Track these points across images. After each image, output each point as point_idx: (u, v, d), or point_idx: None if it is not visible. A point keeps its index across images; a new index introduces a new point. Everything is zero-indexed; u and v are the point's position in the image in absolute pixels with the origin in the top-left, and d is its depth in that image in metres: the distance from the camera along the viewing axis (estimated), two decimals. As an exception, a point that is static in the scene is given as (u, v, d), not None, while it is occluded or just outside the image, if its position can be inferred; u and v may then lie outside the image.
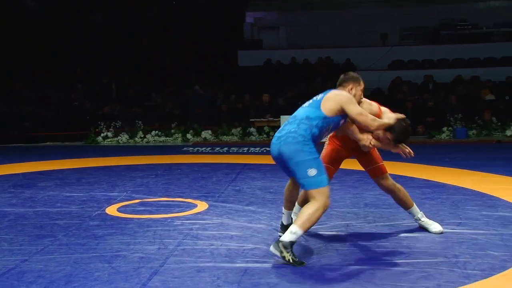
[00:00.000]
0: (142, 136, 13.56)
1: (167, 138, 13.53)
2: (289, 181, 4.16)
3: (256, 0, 20.49)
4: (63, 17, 18.94)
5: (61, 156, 10.47)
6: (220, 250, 3.95)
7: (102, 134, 13.64)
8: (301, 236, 3.74)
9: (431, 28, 19.21)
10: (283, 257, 3.57)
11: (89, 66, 18.17)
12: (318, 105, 3.89)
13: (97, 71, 17.84)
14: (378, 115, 4.12)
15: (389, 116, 4.11)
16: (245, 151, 10.99)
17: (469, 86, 15.04)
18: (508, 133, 12.42)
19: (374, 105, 4.22)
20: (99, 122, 13.87)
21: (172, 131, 13.67)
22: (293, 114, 3.99)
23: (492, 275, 3.34)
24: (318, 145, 3.88)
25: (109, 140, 13.58)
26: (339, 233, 4.39)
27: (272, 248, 3.65)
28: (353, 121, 3.96)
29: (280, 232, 4.17)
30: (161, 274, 3.45)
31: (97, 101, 15.46)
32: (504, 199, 5.58)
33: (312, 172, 3.68)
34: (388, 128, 4.04)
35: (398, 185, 4.54)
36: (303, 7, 20.03)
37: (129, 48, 18.82)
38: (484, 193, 5.91)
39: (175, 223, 4.78)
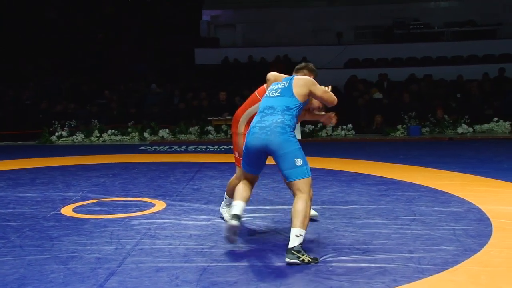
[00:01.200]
0: (98, 135, 13.32)
1: (124, 137, 13.34)
2: (244, 181, 4.11)
3: (212, -2, 20.45)
4: (17, 13, 18.39)
5: (13, 156, 10.18)
6: (179, 250, 3.93)
7: (56, 133, 13.32)
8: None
9: (385, 27, 19.59)
10: (302, 261, 3.55)
11: (42, 63, 17.72)
12: (291, 93, 3.94)
13: (51, 68, 17.41)
14: None
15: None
16: (203, 149, 10.94)
17: (422, 85, 15.42)
18: (460, 130, 12.80)
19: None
20: (53, 121, 13.53)
21: (129, 129, 13.49)
22: (267, 106, 3.98)
23: (445, 269, 3.44)
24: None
25: (64, 139, 13.28)
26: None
27: (288, 259, 3.57)
28: (320, 99, 4.16)
29: (235, 220, 3.80)
30: (118, 274, 3.41)
31: (49, 99, 15.07)
32: (456, 195, 5.75)
33: (298, 161, 3.75)
34: None
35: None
36: (259, 5, 20.10)
37: (84, 44, 18.45)
38: (437, 189, 6.08)
39: (132, 223, 4.73)
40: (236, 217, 3.84)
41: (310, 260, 3.58)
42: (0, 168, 8.40)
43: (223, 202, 4.87)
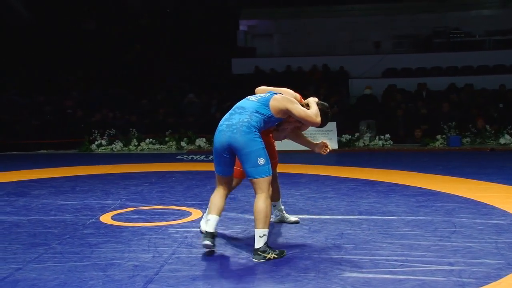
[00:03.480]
0: (136, 144, 13.53)
1: (161, 146, 13.52)
2: (217, 189, 4.19)
3: (249, 8, 20.57)
4: (55, 24, 18.92)
5: (55, 164, 10.43)
6: (215, 258, 3.94)
7: (96, 142, 13.60)
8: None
9: (424, 36, 19.33)
10: (268, 259, 3.82)
11: (82, 73, 18.14)
12: (267, 103, 4.08)
13: (89, 79, 17.80)
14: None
15: (312, 102, 4.33)
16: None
17: (462, 94, 15.12)
18: (502, 141, 12.48)
19: (297, 95, 4.47)
20: (93, 130, 13.83)
21: (166, 139, 13.66)
22: (239, 105, 4.16)
23: (487, 283, 3.35)
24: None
25: (103, 148, 13.54)
26: (333, 241, 4.38)
27: (255, 260, 3.85)
28: (297, 119, 4.17)
29: (208, 240, 3.94)
30: (155, 282, 3.43)
31: (89, 109, 15.41)
32: (498, 207, 5.60)
33: (261, 161, 3.90)
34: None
35: (277, 179, 4.92)
36: (295, 15, 20.14)
37: (122, 55, 18.82)
38: (478, 201, 5.93)
39: (169, 231, 4.77)
40: (209, 234, 3.97)
41: (276, 256, 3.84)
42: (43, 176, 8.61)
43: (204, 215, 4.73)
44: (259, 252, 3.85)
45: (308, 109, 4.26)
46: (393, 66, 18.06)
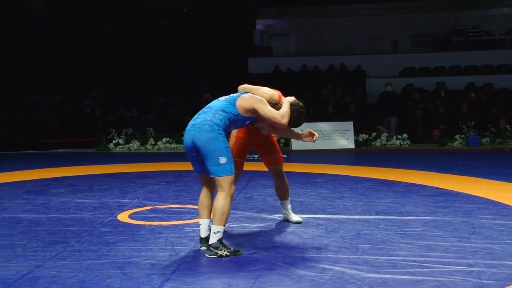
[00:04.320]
0: (153, 143, 13.61)
1: (178, 145, 13.58)
2: (202, 189, 4.29)
3: (266, 8, 20.56)
4: (74, 24, 19.10)
5: (73, 163, 10.53)
6: (232, 257, 3.94)
7: (113, 141, 13.71)
8: (224, 229, 4.01)
9: (442, 34, 19.14)
10: (220, 256, 3.90)
11: (100, 73, 18.30)
12: (234, 102, 4.15)
13: (107, 78, 17.95)
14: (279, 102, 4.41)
15: (285, 102, 4.37)
16: (255, 158, 10.96)
17: (481, 93, 14.94)
18: (523, 141, 12.34)
19: (276, 94, 4.50)
20: (110, 129, 13.94)
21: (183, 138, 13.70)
22: (208, 105, 4.22)
23: (508, 285, 3.30)
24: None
25: (120, 147, 13.64)
26: (350, 241, 4.35)
27: (207, 255, 3.95)
28: (264, 119, 4.20)
29: (203, 246, 4.13)
30: (172, 281, 3.45)
31: (107, 108, 15.54)
32: (518, 207, 5.53)
33: (222, 160, 3.94)
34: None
35: (286, 178, 5.00)
36: (312, 14, 20.08)
37: (140, 55, 18.93)
38: (498, 202, 5.85)
39: (186, 230, 4.78)
40: (203, 240, 4.14)
41: (228, 254, 3.91)
42: (61, 174, 8.70)
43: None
44: (211, 248, 3.93)
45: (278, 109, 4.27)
46: (410, 65, 17.93)
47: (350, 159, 11.29)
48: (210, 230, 4.09)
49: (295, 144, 12.62)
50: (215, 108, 4.11)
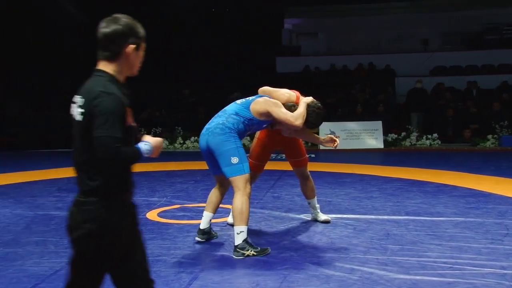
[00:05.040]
0: (182, 142, 13.70)
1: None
2: (215, 187, 4.46)
3: (294, 7, 20.50)
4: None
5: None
6: (259, 257, 3.94)
7: (142, 140, 13.85)
8: (248, 228, 4.03)
9: (474, 32, 18.78)
10: (248, 256, 3.90)
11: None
12: (248, 106, 4.20)
13: (137, 77, 18.12)
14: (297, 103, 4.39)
15: (301, 103, 4.34)
16: (283, 157, 10.95)
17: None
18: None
19: (293, 95, 4.45)
20: (139, 128, 14.10)
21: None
22: (224, 109, 4.30)
23: (541, 288, 3.22)
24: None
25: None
26: (379, 241, 4.31)
27: (234, 256, 3.94)
28: (277, 121, 4.22)
29: (198, 236, 4.34)
30: (201, 279, 3.46)
31: (136, 107, 15.71)
32: (553, 209, 5.39)
33: (234, 160, 4.00)
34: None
35: (311, 178, 5.01)
36: (341, 13, 19.93)
37: (169, 54, 19.09)
38: (531, 203, 5.72)
39: (214, 229, 4.79)
40: (200, 231, 4.29)
41: (255, 253, 3.90)
42: (91, 172, 8.82)
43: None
44: (237, 249, 3.94)
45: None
46: (441, 64, 17.64)
47: (378, 159, 11.18)
48: (210, 223, 4.36)
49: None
50: (229, 112, 4.18)
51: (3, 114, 14.97)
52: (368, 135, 12.87)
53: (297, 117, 4.15)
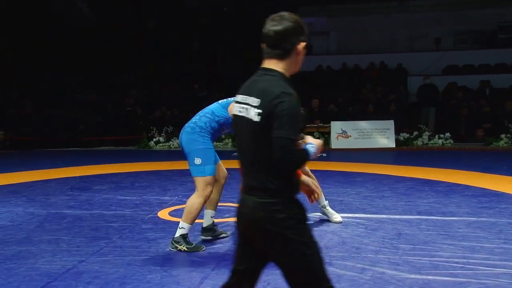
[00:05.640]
0: (193, 141, 13.72)
1: (218, 143, 13.67)
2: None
3: (306, 6, 20.45)
4: (115, 24, 19.46)
5: (115, 160, 10.74)
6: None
7: (154, 139, 13.91)
8: (190, 227, 4.14)
9: (488, 31, 18.61)
10: (179, 250, 4.02)
11: (142, 72, 18.59)
12: (226, 106, 4.22)
13: (149, 77, 18.22)
14: None
15: None
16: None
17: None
18: None
19: None
20: (151, 127, 14.15)
21: (222, 136, 13.79)
22: (205, 107, 4.36)
23: (555, 289, 3.19)
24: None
25: (161, 145, 13.83)
26: (391, 241, 4.29)
27: (170, 248, 4.09)
28: None
29: (202, 235, 4.48)
30: (212, 278, 3.47)
31: (148, 107, 15.78)
32: None
33: (197, 161, 4.07)
34: None
35: (313, 176, 4.91)
36: (352, 12, 19.84)
37: (181, 54, 19.14)
38: (545, 203, 5.67)
39: (225, 228, 4.80)
40: (203, 229, 4.47)
41: (186, 249, 4.01)
42: (104, 171, 8.89)
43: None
44: (173, 242, 4.09)
45: None
46: (454, 63, 17.51)
47: (390, 158, 11.13)
48: (213, 221, 4.47)
49: (335, 143, 12.53)
50: (205, 111, 4.25)
51: (18, 113, 15.10)
52: (380, 134, 12.81)
53: None
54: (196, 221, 5.06)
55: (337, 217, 4.98)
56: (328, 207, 5.06)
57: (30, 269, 3.67)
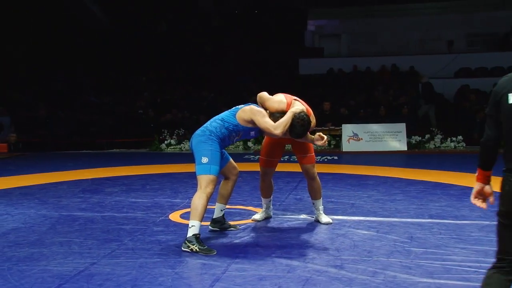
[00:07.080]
0: (204, 143, 13.75)
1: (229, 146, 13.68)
2: (223, 179, 4.81)
3: (317, 8, 20.45)
4: (128, 26, 19.58)
5: (126, 163, 10.78)
6: (281, 259, 3.93)
7: (165, 142, 13.96)
8: (200, 224, 4.21)
9: (501, 34, 18.49)
10: (191, 250, 4.08)
11: (154, 74, 18.68)
12: (234, 113, 4.47)
13: (161, 79, 18.30)
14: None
15: (288, 113, 4.47)
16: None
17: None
18: None
19: (284, 103, 4.61)
20: (163, 130, 14.20)
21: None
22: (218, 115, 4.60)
23: None
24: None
25: (172, 147, 13.87)
26: (402, 244, 4.27)
27: (182, 248, 4.15)
28: (261, 128, 4.43)
29: (210, 225, 4.81)
30: (223, 281, 3.47)
31: (160, 109, 15.84)
32: None
33: (204, 159, 4.24)
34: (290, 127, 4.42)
35: (318, 179, 5.08)
36: (364, 15, 19.81)
37: (193, 56, 19.21)
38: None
39: (236, 231, 4.81)
40: (212, 221, 4.76)
41: (198, 250, 4.05)
42: (115, 174, 8.93)
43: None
44: (186, 241, 4.15)
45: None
46: (466, 65, 17.41)
47: (402, 161, 11.07)
48: (223, 214, 4.78)
49: (346, 146, 12.50)
50: (216, 117, 4.48)
51: (32, 116, 15.23)
52: (392, 137, 12.76)
53: (277, 127, 4.33)
54: (203, 223, 5.08)
55: (325, 218, 5.09)
56: (321, 211, 5.13)
57: (42, 271, 3.69)
